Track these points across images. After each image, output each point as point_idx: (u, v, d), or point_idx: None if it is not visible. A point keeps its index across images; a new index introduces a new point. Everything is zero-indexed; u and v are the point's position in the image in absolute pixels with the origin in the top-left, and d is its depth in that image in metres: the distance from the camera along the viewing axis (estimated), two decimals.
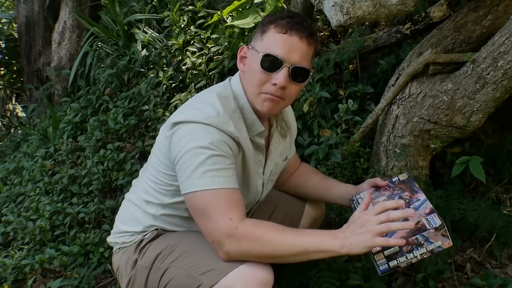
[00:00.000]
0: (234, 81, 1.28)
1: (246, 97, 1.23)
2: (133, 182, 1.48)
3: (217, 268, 1.12)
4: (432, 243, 1.11)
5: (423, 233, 1.12)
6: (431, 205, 1.21)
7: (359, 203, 1.38)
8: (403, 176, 1.41)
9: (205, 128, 1.13)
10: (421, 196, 1.27)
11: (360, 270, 1.64)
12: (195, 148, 1.12)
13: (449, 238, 1.11)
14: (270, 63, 1.13)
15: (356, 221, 1.11)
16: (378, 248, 1.15)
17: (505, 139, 1.95)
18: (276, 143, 1.37)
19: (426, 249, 1.12)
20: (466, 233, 1.79)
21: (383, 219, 1.07)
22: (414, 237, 1.12)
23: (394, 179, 1.42)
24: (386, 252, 1.14)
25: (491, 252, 1.74)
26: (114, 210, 2.45)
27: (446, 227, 1.11)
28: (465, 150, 1.89)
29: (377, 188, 1.42)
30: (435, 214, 1.16)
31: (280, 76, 1.14)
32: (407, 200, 1.28)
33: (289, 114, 1.47)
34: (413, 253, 1.11)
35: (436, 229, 1.11)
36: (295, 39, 1.14)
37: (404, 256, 1.13)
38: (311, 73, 1.21)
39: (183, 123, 1.15)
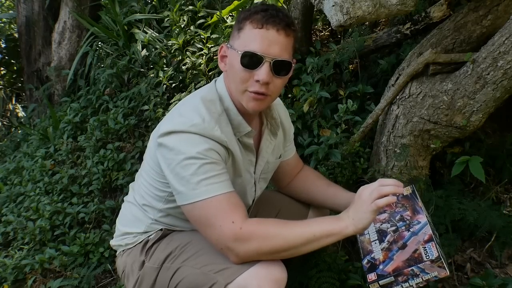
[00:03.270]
0: (219, 82, 1.26)
1: (231, 97, 1.22)
2: (130, 185, 1.48)
3: (232, 267, 1.12)
4: (428, 273, 1.11)
5: (419, 265, 1.11)
6: (430, 231, 1.20)
7: None
8: (407, 190, 1.39)
9: (191, 138, 1.12)
10: (422, 218, 1.26)
11: (360, 270, 1.64)
12: (184, 159, 1.11)
13: (445, 269, 1.11)
14: (250, 60, 1.11)
15: (356, 202, 1.15)
16: (373, 277, 1.16)
17: (505, 139, 1.94)
18: (267, 141, 1.36)
19: (422, 279, 1.12)
20: (466, 233, 1.78)
21: (376, 196, 1.12)
22: (410, 269, 1.12)
23: None
24: (382, 282, 1.15)
25: (491, 252, 1.74)
26: (114, 210, 2.45)
27: (443, 259, 1.11)
28: (465, 150, 1.89)
29: None
30: (433, 243, 1.15)
31: (262, 72, 1.11)
32: (407, 222, 1.28)
33: (282, 112, 1.46)
34: (408, 283, 1.12)
35: (432, 261, 1.11)
36: (272, 33, 1.11)
37: (400, 286, 1.14)
38: (293, 64, 1.19)
39: (170, 134, 1.14)
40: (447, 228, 1.70)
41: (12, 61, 5.47)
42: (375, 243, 1.26)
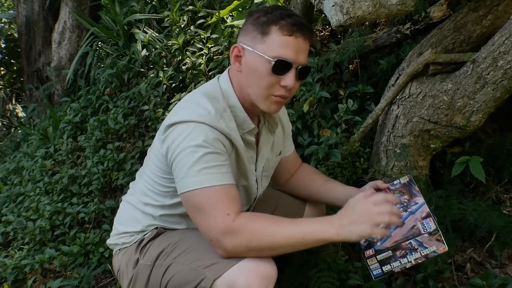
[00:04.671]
0: (222, 79, 1.27)
1: (237, 95, 1.23)
2: (131, 184, 1.49)
3: (220, 262, 1.12)
4: (426, 248, 1.11)
5: (417, 238, 1.11)
6: (428, 209, 1.20)
7: None
8: (404, 179, 1.40)
9: (198, 127, 1.14)
10: (420, 199, 1.27)
11: (360, 270, 1.64)
12: (189, 147, 1.12)
13: (444, 243, 1.10)
14: (281, 68, 1.15)
15: (354, 208, 1.11)
16: (371, 253, 1.16)
17: (505, 139, 1.95)
18: (265, 138, 1.38)
19: (421, 254, 1.11)
20: (466, 233, 1.78)
21: (384, 211, 1.07)
22: (407, 242, 1.11)
23: (395, 182, 1.41)
24: (379, 257, 1.14)
25: (491, 252, 1.74)
26: (114, 210, 2.45)
27: (440, 232, 1.10)
28: (465, 150, 1.89)
29: (378, 190, 1.42)
30: (431, 219, 1.15)
31: (290, 79, 1.16)
32: (405, 204, 1.28)
33: (280, 110, 1.47)
34: (407, 258, 1.11)
35: (430, 233, 1.11)
36: (301, 41, 1.15)
37: (398, 261, 1.13)
38: (312, 69, 1.23)
39: (176, 124, 1.15)
40: (447, 228, 1.70)
41: (12, 61, 5.47)
42: None
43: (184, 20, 3.15)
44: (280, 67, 1.14)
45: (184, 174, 1.13)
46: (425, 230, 1.12)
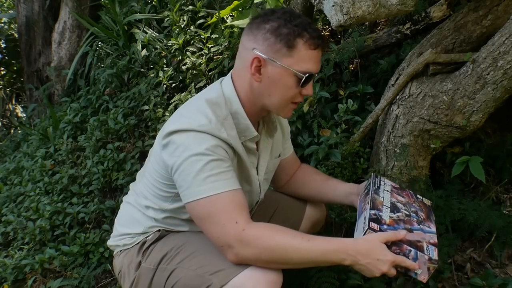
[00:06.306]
0: (226, 84, 1.25)
1: (241, 101, 1.22)
2: (131, 185, 1.47)
3: (227, 268, 1.11)
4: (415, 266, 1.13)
5: (419, 252, 1.12)
6: (437, 240, 1.21)
7: (378, 187, 1.36)
8: (427, 201, 1.41)
9: (199, 135, 1.13)
10: (434, 227, 1.27)
11: None
12: (192, 155, 1.11)
13: (429, 276, 1.13)
14: (308, 80, 1.19)
15: (375, 254, 1.10)
16: (375, 228, 1.17)
17: (505, 139, 1.94)
18: (265, 142, 1.37)
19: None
20: (466, 233, 1.78)
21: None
22: (410, 248, 1.12)
23: (418, 196, 1.42)
24: None
25: (491, 252, 1.74)
26: (114, 210, 2.45)
27: (436, 266, 1.12)
28: (465, 150, 1.89)
29: (400, 188, 1.41)
30: (436, 249, 1.16)
31: (311, 88, 1.23)
32: (420, 219, 1.28)
33: None
34: None
35: (429, 259, 1.12)
36: (321, 52, 1.21)
37: None
38: None
39: (177, 132, 1.14)
40: (447, 228, 1.70)
41: (12, 61, 5.47)
42: (386, 208, 1.26)
43: (184, 20, 3.15)
44: (307, 80, 1.18)
45: (189, 184, 1.12)
46: (428, 253, 1.13)
